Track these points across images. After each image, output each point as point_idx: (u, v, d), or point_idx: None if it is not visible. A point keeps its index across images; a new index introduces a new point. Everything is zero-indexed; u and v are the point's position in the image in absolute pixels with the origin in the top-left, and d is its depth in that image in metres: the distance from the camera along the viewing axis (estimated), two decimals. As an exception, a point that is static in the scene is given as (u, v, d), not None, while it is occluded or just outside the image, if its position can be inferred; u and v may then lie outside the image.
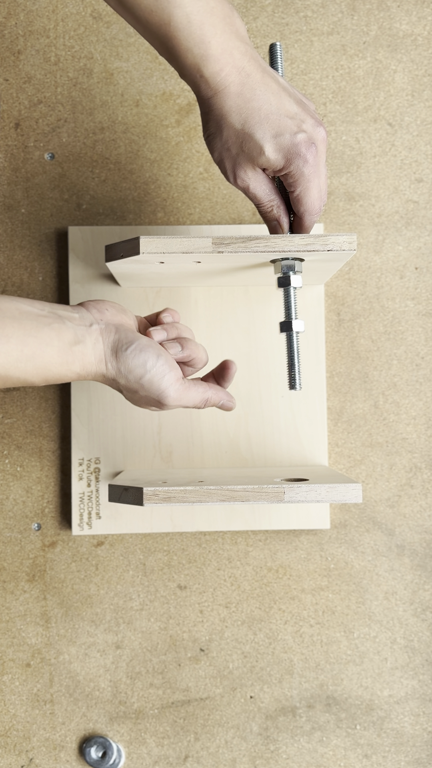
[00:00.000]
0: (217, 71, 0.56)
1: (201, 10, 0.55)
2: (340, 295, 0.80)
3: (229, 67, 0.56)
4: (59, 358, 0.56)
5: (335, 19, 0.80)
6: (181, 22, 0.54)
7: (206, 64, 0.56)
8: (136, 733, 0.78)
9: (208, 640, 0.78)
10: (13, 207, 0.80)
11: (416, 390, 0.79)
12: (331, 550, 0.79)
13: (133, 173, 0.80)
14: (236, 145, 0.58)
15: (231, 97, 0.57)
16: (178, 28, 0.55)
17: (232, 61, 0.56)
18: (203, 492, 0.61)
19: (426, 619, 0.79)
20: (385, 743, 0.78)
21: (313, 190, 0.60)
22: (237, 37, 0.56)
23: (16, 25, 0.80)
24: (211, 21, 0.55)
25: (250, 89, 0.57)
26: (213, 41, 0.55)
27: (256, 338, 0.78)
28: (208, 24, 0.55)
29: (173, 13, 0.54)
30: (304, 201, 0.60)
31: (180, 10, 0.54)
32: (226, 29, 0.56)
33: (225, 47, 0.56)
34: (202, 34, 0.55)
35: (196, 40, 0.55)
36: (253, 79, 0.57)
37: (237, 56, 0.56)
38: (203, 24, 0.55)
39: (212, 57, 0.55)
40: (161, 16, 0.55)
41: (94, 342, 0.58)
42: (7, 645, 0.78)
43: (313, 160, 0.58)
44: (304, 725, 0.78)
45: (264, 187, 0.60)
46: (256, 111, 0.57)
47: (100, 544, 0.79)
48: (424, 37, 0.80)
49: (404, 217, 0.80)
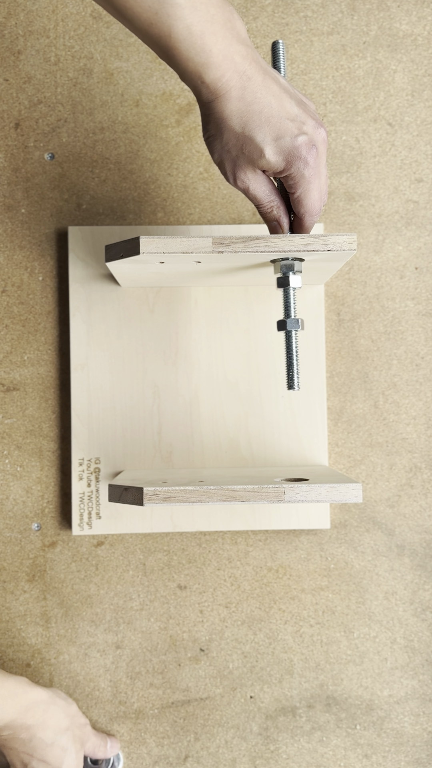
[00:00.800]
0: (219, 77, 0.56)
1: (201, 20, 0.54)
2: (340, 295, 0.80)
3: (230, 72, 0.56)
4: None
5: (335, 19, 0.80)
6: (182, 33, 0.54)
7: (207, 71, 0.55)
8: (136, 733, 0.78)
9: (208, 640, 0.78)
10: (13, 207, 0.80)
11: (416, 390, 0.79)
12: (331, 550, 0.79)
13: (133, 173, 0.80)
14: (236, 147, 0.58)
15: (232, 100, 0.56)
16: (179, 39, 0.54)
17: (233, 66, 0.56)
18: (203, 492, 0.61)
19: (426, 619, 0.79)
20: (385, 743, 0.78)
21: (314, 191, 0.60)
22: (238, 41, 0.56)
23: (16, 25, 0.80)
24: (212, 29, 0.55)
25: (251, 92, 0.56)
26: (214, 49, 0.55)
27: (256, 338, 0.78)
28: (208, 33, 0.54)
29: (173, 25, 0.54)
30: (304, 202, 0.60)
31: (180, 22, 0.54)
32: (227, 35, 0.55)
33: (226, 53, 0.55)
34: (203, 44, 0.54)
35: (197, 49, 0.55)
36: (254, 82, 0.56)
37: (238, 60, 0.56)
38: (204, 33, 0.54)
39: (213, 64, 0.55)
40: (161, 29, 0.54)
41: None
42: (7, 645, 0.78)
43: (314, 162, 0.58)
44: (304, 725, 0.78)
45: (264, 189, 0.60)
46: (257, 114, 0.56)
47: (100, 544, 0.79)
48: (424, 37, 0.80)
49: (404, 217, 0.80)
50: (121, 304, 0.78)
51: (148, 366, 0.78)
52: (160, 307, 0.78)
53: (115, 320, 0.78)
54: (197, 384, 0.77)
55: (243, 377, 0.77)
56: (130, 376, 0.77)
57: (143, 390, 0.77)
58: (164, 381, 0.77)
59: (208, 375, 0.78)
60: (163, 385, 0.77)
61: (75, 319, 0.77)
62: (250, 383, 0.78)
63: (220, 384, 0.78)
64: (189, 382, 0.77)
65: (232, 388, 0.77)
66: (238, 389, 0.77)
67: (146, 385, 0.77)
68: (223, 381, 0.78)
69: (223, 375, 0.77)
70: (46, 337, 0.79)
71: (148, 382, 0.77)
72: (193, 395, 0.77)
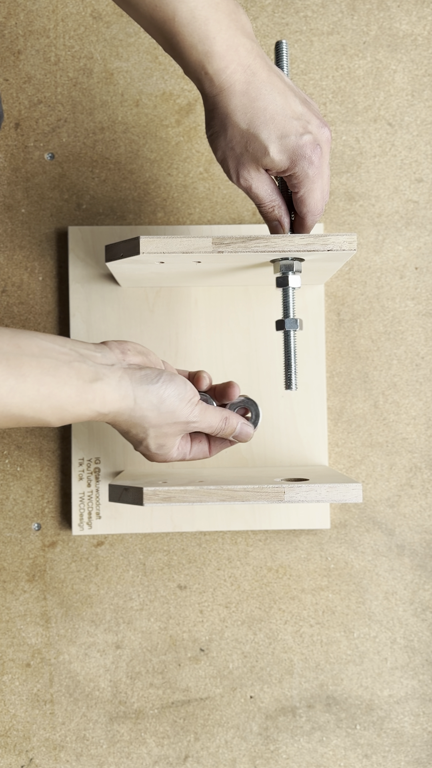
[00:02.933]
0: (222, 68, 0.55)
1: (206, 6, 0.54)
2: (340, 295, 0.80)
3: (235, 64, 0.55)
4: (77, 396, 0.55)
5: (335, 19, 0.80)
6: (186, 17, 0.54)
7: (211, 60, 0.55)
8: (136, 733, 0.78)
9: (208, 640, 0.78)
10: (13, 207, 0.80)
11: (416, 390, 0.79)
12: (331, 550, 0.79)
13: (133, 173, 0.80)
14: (240, 144, 0.57)
15: (236, 95, 0.56)
16: (182, 23, 0.54)
17: (237, 58, 0.55)
18: (203, 492, 0.61)
19: (426, 619, 0.79)
20: (385, 743, 0.78)
21: (317, 191, 0.59)
22: (243, 34, 0.56)
23: (16, 25, 0.80)
24: (216, 17, 0.54)
25: (256, 88, 0.56)
26: (218, 37, 0.54)
27: (256, 338, 0.78)
28: (212, 20, 0.54)
29: (177, 8, 0.53)
30: (307, 202, 0.60)
31: (184, 5, 0.53)
32: (231, 25, 0.55)
33: (230, 44, 0.55)
34: (207, 30, 0.54)
35: (201, 36, 0.54)
36: (259, 77, 0.56)
37: (243, 53, 0.55)
38: (208, 20, 0.54)
39: (217, 54, 0.55)
40: (165, 12, 0.54)
41: (118, 379, 0.57)
42: (7, 645, 0.78)
43: (318, 162, 0.57)
44: (304, 725, 0.78)
45: (266, 188, 0.60)
46: (262, 111, 0.56)
47: (100, 544, 0.79)
48: (424, 37, 0.80)
49: (404, 217, 0.80)
50: (121, 304, 0.78)
51: (148, 366, 0.77)
52: (160, 307, 0.78)
53: (115, 320, 0.78)
54: (197, 384, 0.77)
55: (243, 377, 0.77)
56: (130, 376, 0.77)
57: (143, 390, 0.77)
58: (164, 381, 0.77)
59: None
60: (163, 385, 0.77)
61: (75, 319, 0.77)
62: (250, 383, 0.78)
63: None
64: (189, 382, 0.77)
65: (232, 388, 0.77)
66: (238, 389, 0.77)
67: (146, 385, 0.77)
68: (223, 381, 0.77)
69: (223, 375, 0.77)
70: (46, 337, 0.79)
71: (148, 382, 0.77)
72: (193, 395, 0.77)
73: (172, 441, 0.62)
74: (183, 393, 0.60)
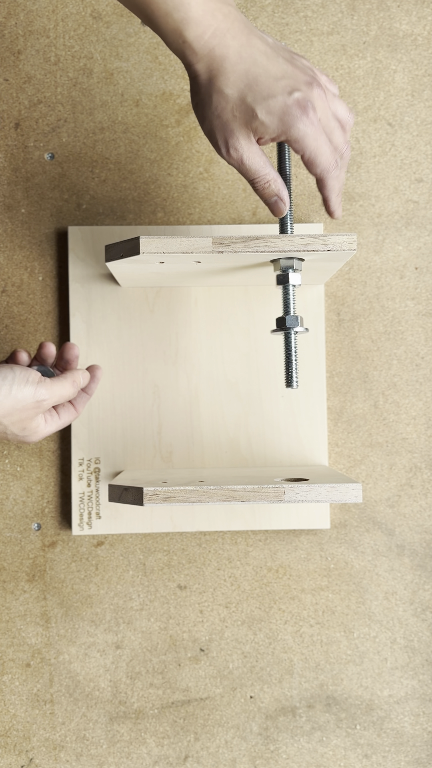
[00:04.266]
0: (200, 34, 0.53)
1: None
2: (340, 295, 0.80)
3: (212, 29, 0.53)
4: None
5: (335, 19, 0.81)
6: None
7: (188, 27, 0.53)
8: (136, 733, 0.78)
9: (208, 640, 0.78)
10: (13, 207, 0.80)
11: (416, 390, 0.79)
12: (331, 550, 0.79)
13: (133, 173, 0.80)
14: (227, 111, 0.55)
15: (217, 60, 0.54)
16: None
17: (215, 23, 0.53)
18: (203, 492, 0.61)
19: (426, 619, 0.79)
20: (385, 743, 0.78)
21: (323, 146, 0.56)
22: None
23: (16, 25, 0.80)
24: None
25: (237, 52, 0.54)
26: (193, 2, 0.53)
27: (256, 338, 0.78)
28: None
29: None
30: (317, 161, 0.56)
31: None
32: None
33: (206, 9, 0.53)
34: None
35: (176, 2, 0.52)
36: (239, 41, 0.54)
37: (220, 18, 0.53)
38: None
39: (193, 20, 0.53)
40: None
41: None
42: (7, 645, 0.78)
43: (313, 116, 0.54)
44: (304, 725, 0.78)
45: (258, 160, 0.56)
46: (244, 74, 0.54)
47: (100, 544, 0.79)
48: (424, 37, 0.80)
49: (404, 217, 0.80)
50: (121, 304, 0.78)
51: (148, 366, 0.78)
52: (160, 307, 0.78)
53: (115, 320, 0.78)
54: (197, 384, 0.77)
55: (243, 377, 0.77)
56: (130, 376, 0.77)
57: (143, 390, 0.77)
58: (164, 381, 0.77)
59: (208, 375, 0.78)
60: (163, 385, 0.77)
61: (75, 319, 0.77)
62: (250, 383, 0.78)
63: (220, 384, 0.78)
64: (189, 382, 0.77)
65: (232, 387, 0.77)
66: (238, 389, 0.77)
67: (146, 385, 0.77)
68: (223, 381, 0.78)
69: (223, 375, 0.77)
70: (46, 337, 0.79)
71: (148, 382, 0.77)
72: (193, 395, 0.77)
73: (35, 422, 0.63)
74: (19, 377, 0.60)
